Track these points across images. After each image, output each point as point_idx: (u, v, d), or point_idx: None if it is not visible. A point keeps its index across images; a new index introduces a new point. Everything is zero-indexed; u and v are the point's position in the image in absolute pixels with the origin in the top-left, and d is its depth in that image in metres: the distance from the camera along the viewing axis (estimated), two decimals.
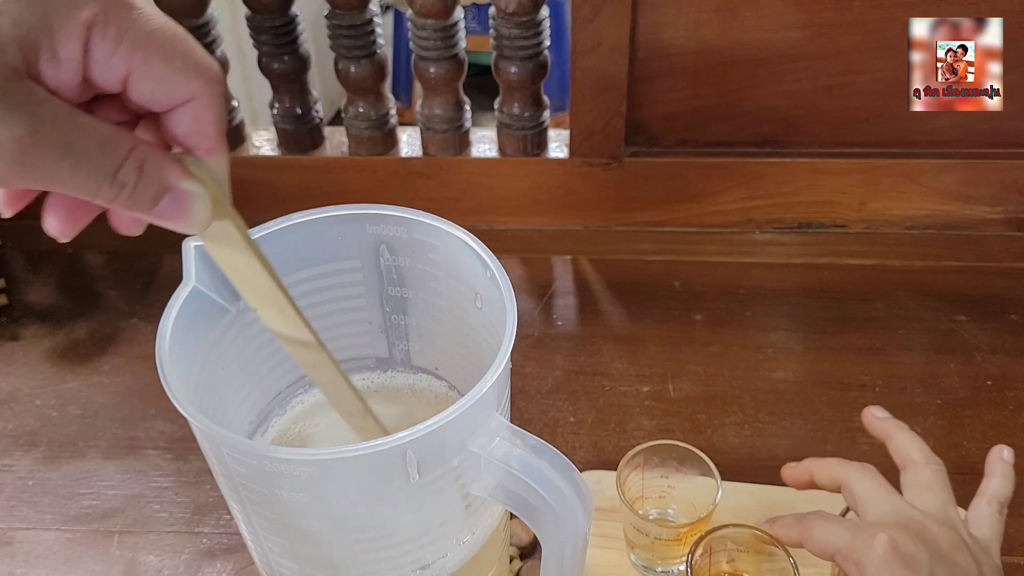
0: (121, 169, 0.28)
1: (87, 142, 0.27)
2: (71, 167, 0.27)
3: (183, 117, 0.30)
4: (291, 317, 0.36)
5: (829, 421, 0.67)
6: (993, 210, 0.83)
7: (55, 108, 0.27)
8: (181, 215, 0.30)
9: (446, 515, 0.38)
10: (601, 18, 0.73)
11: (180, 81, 0.29)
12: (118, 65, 0.28)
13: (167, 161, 0.30)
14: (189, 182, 0.30)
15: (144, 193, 0.29)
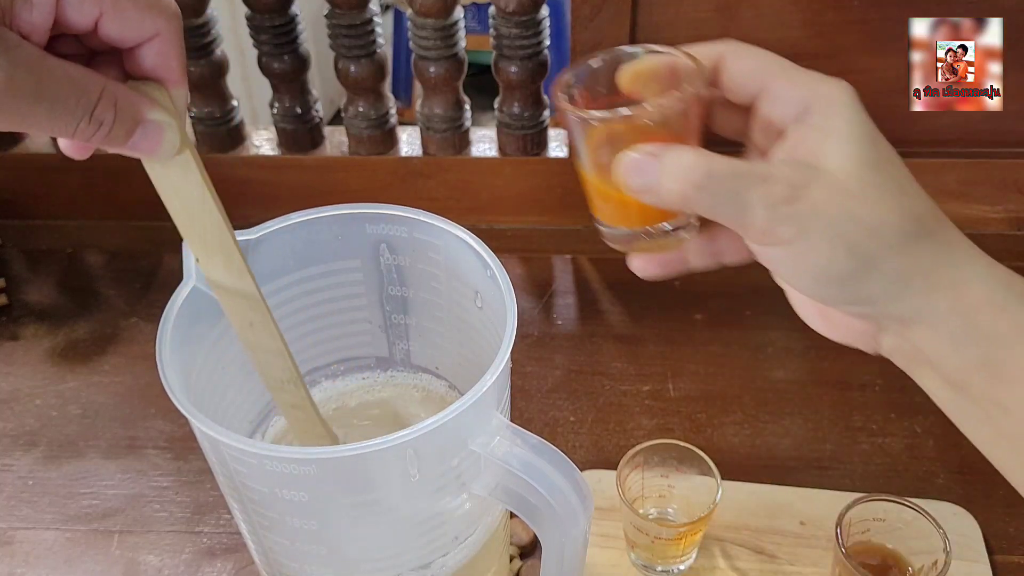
0: (97, 108, 0.30)
1: (60, 85, 0.29)
2: (48, 109, 0.28)
3: (149, 52, 0.32)
4: (236, 263, 0.36)
5: (829, 420, 0.67)
6: (993, 209, 0.83)
7: (27, 52, 0.28)
8: (153, 145, 0.32)
9: (446, 514, 0.38)
10: (601, 18, 0.73)
11: (146, 18, 0.31)
12: (90, 7, 0.29)
13: (136, 95, 0.31)
14: (159, 112, 0.32)
15: (120, 128, 0.31)
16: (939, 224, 0.34)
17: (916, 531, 0.52)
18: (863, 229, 0.32)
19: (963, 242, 0.34)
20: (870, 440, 0.66)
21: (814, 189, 0.32)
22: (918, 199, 0.34)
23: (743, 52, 0.36)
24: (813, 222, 0.32)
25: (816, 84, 0.34)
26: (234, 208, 0.35)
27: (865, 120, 0.34)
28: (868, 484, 0.62)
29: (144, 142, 0.32)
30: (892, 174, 0.33)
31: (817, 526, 0.59)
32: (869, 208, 0.32)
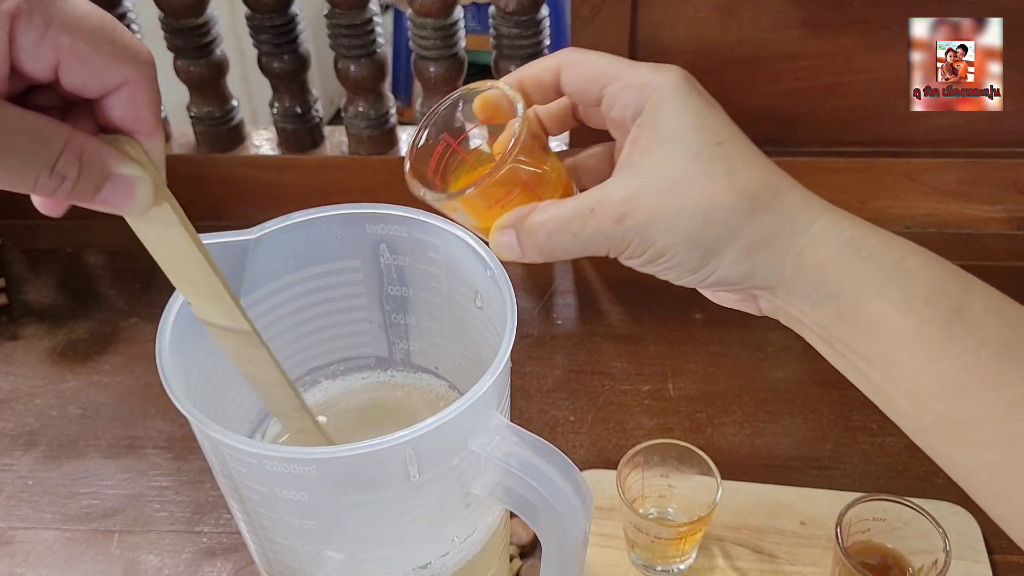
0: (59, 161, 0.28)
1: (18, 136, 0.27)
2: (4, 163, 0.27)
3: (117, 102, 0.30)
4: (228, 306, 0.35)
5: (829, 420, 0.67)
6: (993, 209, 0.83)
7: None
8: (124, 200, 0.31)
9: (446, 514, 0.38)
10: (601, 17, 0.73)
11: (110, 66, 0.29)
12: (46, 53, 0.28)
13: (105, 148, 0.30)
14: (130, 166, 0.30)
15: (86, 182, 0.29)
16: (775, 195, 0.33)
17: (916, 531, 0.52)
18: (696, 222, 0.33)
19: (804, 206, 0.33)
20: (870, 440, 0.66)
21: (642, 198, 0.33)
22: (750, 174, 0.33)
23: (578, 61, 0.36)
24: (651, 230, 0.33)
25: (645, 79, 0.35)
26: (234, 208, 0.35)
27: (691, 105, 0.34)
28: (868, 484, 0.62)
29: (114, 197, 0.30)
30: (719, 156, 0.33)
31: (817, 526, 0.59)
32: (696, 199, 0.33)
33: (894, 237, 0.33)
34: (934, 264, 0.32)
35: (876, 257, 0.32)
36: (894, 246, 0.33)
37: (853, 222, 0.33)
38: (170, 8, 0.76)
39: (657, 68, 0.35)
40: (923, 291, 0.32)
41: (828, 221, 0.33)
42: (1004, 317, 0.31)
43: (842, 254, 0.32)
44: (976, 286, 0.32)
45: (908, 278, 0.32)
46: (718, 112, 0.34)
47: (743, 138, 0.35)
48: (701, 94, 0.34)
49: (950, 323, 0.31)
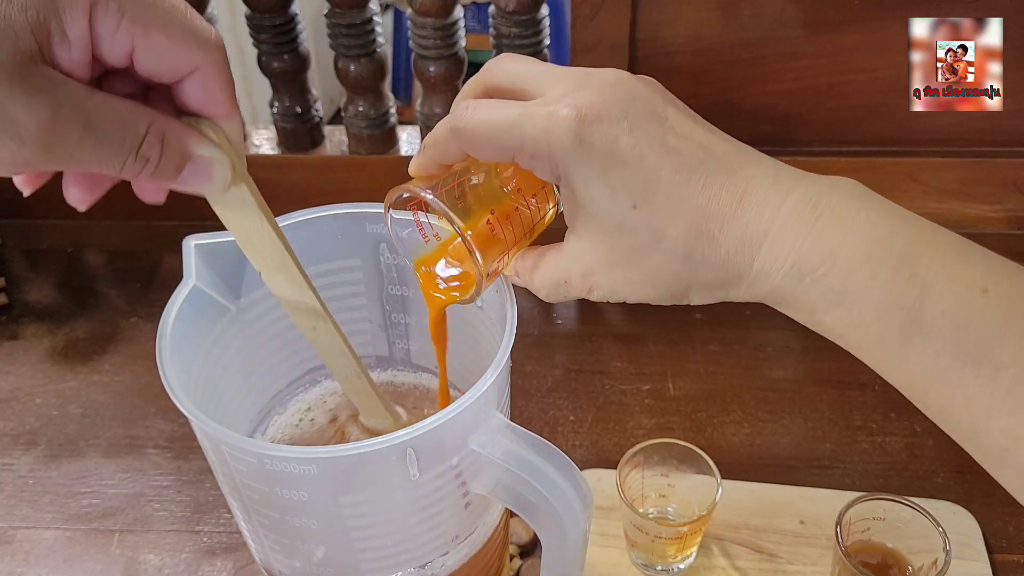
0: (143, 144, 0.29)
1: (107, 120, 0.28)
2: (94, 146, 0.28)
3: (192, 87, 0.31)
4: (298, 282, 0.36)
5: (828, 420, 0.67)
6: (993, 208, 0.83)
7: (72, 89, 0.27)
8: (203, 180, 0.32)
9: (446, 513, 0.38)
10: (601, 16, 0.73)
11: (181, 51, 0.30)
12: (122, 40, 0.29)
13: (185, 130, 0.31)
14: (208, 147, 0.31)
15: (168, 164, 0.30)
16: (709, 245, 0.32)
17: (916, 530, 0.52)
18: (648, 287, 0.34)
19: (739, 246, 0.32)
20: (870, 439, 0.66)
21: (597, 275, 0.34)
22: (677, 234, 0.32)
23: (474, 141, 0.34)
24: (617, 295, 0.35)
25: (543, 148, 0.32)
26: None
27: (592, 169, 0.32)
28: (868, 483, 0.62)
29: (193, 178, 0.31)
30: (641, 224, 0.32)
31: (817, 525, 0.59)
32: (640, 272, 0.33)
33: (840, 251, 0.31)
34: (884, 276, 0.30)
35: (819, 281, 0.31)
36: (838, 267, 0.31)
37: (797, 243, 0.31)
38: None
39: (550, 118, 0.31)
40: (873, 307, 0.31)
41: (768, 254, 0.32)
42: (961, 319, 0.30)
43: (786, 284, 0.32)
44: (933, 291, 0.30)
45: (856, 297, 0.31)
46: (622, 157, 0.31)
47: (655, 178, 0.32)
48: (598, 143, 0.31)
49: (905, 335, 0.31)
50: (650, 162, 0.31)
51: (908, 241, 0.31)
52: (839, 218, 0.31)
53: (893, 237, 0.31)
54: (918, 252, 0.31)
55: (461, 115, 0.33)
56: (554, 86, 0.33)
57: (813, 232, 0.31)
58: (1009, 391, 0.30)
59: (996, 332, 0.30)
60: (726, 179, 0.32)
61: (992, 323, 0.30)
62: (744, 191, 0.32)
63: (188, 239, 0.39)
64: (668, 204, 0.32)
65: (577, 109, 0.31)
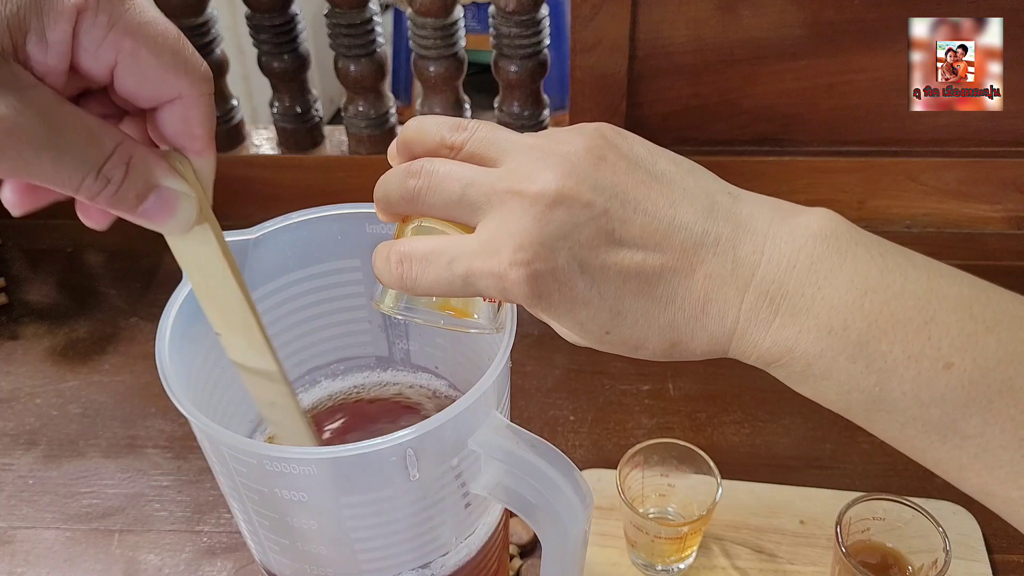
0: (107, 164, 0.27)
1: (72, 133, 0.26)
2: (53, 159, 0.26)
3: (171, 116, 0.30)
4: (258, 343, 0.34)
5: (829, 420, 0.67)
6: (993, 208, 0.83)
7: (41, 94, 0.26)
8: (165, 215, 0.30)
9: (446, 514, 0.38)
10: (601, 16, 0.73)
11: (167, 77, 0.28)
12: (106, 53, 0.27)
13: (153, 158, 0.29)
14: (176, 181, 0.29)
15: (129, 190, 0.28)
16: (690, 339, 0.33)
17: (916, 530, 0.52)
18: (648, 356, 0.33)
19: (719, 321, 0.32)
20: (870, 439, 0.65)
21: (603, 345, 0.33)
22: (657, 340, 0.33)
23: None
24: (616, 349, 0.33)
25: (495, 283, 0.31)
26: (234, 208, 0.35)
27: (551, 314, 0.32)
28: (868, 483, 0.62)
29: (156, 210, 0.29)
30: (617, 341, 0.32)
31: (817, 525, 0.59)
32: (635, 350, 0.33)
33: (796, 348, 0.31)
34: (840, 367, 0.31)
35: (783, 367, 0.32)
36: (797, 359, 0.31)
37: (757, 342, 0.32)
38: (170, 7, 0.76)
39: (502, 279, 0.30)
40: (835, 390, 0.32)
41: (737, 349, 0.33)
42: (924, 398, 0.30)
43: (757, 364, 0.33)
44: (892, 375, 0.30)
45: (817, 381, 0.32)
46: (583, 300, 0.31)
47: (620, 308, 0.31)
48: (556, 296, 0.31)
49: (869, 411, 0.32)
50: (610, 294, 0.31)
51: (867, 323, 0.30)
52: (795, 310, 0.31)
53: (851, 322, 0.30)
54: (876, 336, 0.30)
55: (407, 272, 0.31)
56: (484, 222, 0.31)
57: (771, 330, 0.31)
58: (975, 456, 0.30)
59: (960, 406, 0.30)
60: (686, 287, 0.32)
61: (956, 398, 0.30)
62: (704, 297, 0.32)
63: None
64: (636, 327, 0.32)
65: (526, 268, 0.30)
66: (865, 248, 0.32)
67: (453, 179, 0.31)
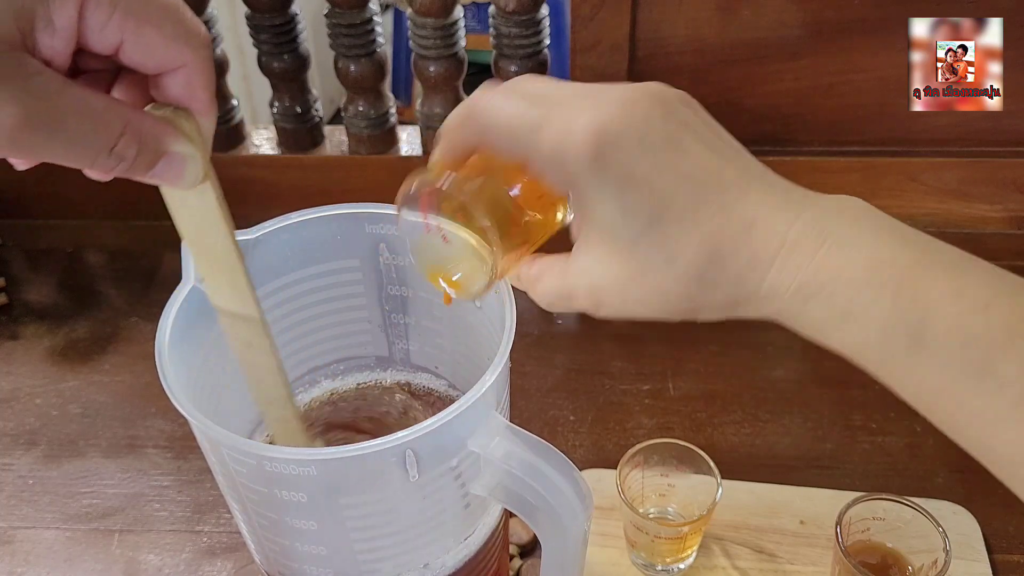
0: (119, 144, 0.28)
1: (80, 118, 0.27)
2: (65, 143, 0.27)
3: (175, 81, 0.31)
4: (241, 288, 0.35)
5: (829, 420, 0.67)
6: (993, 208, 0.83)
7: (48, 81, 0.26)
8: (175, 177, 0.31)
9: (446, 514, 0.38)
10: (601, 16, 0.73)
11: (171, 48, 0.29)
12: (111, 33, 0.28)
13: (161, 127, 0.30)
14: (183, 143, 0.31)
15: (142, 162, 0.30)
16: (720, 268, 0.32)
17: (916, 530, 0.52)
18: (658, 307, 0.33)
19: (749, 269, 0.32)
20: (870, 439, 0.66)
21: (604, 291, 0.34)
22: (690, 255, 0.32)
23: (488, 140, 0.34)
24: (625, 312, 0.34)
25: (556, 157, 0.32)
26: (234, 208, 0.34)
27: (609, 185, 0.31)
28: (868, 483, 0.62)
29: (166, 173, 0.31)
30: (655, 243, 0.32)
31: (817, 525, 0.59)
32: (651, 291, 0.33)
33: (843, 274, 0.31)
34: (887, 298, 0.31)
35: (824, 302, 0.32)
36: (841, 289, 0.31)
37: (803, 266, 0.31)
38: None
39: (568, 132, 0.31)
40: (878, 327, 0.31)
41: (776, 277, 0.32)
42: (964, 336, 0.30)
43: (793, 304, 0.32)
44: (935, 310, 0.30)
45: (860, 316, 0.31)
46: (637, 180, 0.31)
47: (670, 202, 0.32)
48: (615, 165, 0.31)
49: (910, 352, 0.31)
50: (665, 187, 0.31)
51: (910, 263, 0.31)
52: (843, 242, 0.31)
53: (895, 259, 0.31)
54: (920, 273, 0.31)
55: (479, 98, 0.33)
56: (572, 99, 0.32)
57: (818, 256, 0.31)
58: (1014, 405, 0.30)
59: (999, 348, 0.30)
60: (737, 204, 0.32)
61: (995, 339, 0.30)
62: (754, 216, 0.32)
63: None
64: (682, 227, 0.32)
65: (596, 127, 0.31)
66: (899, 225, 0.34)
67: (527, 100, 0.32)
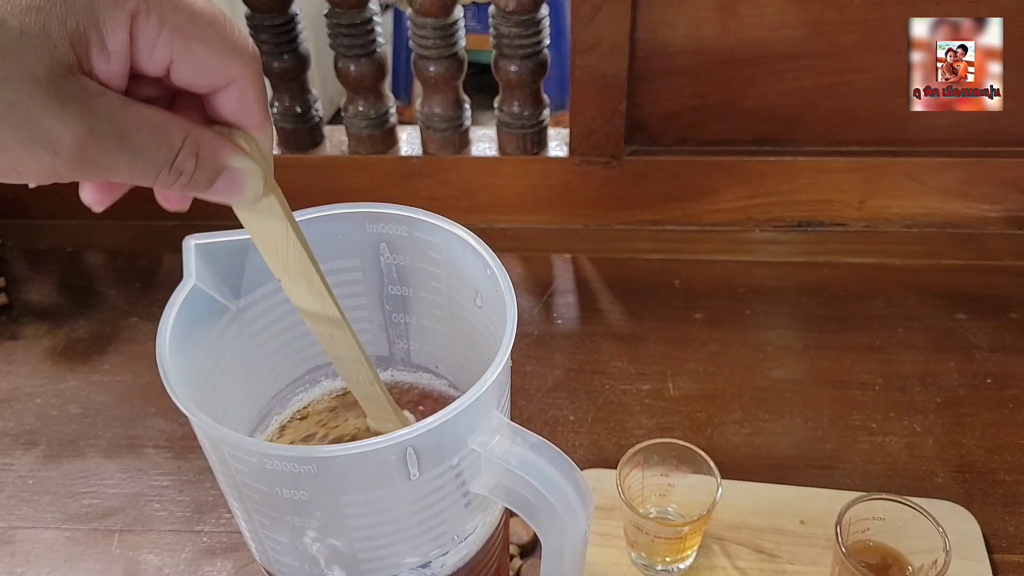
0: (178, 157, 0.29)
1: (142, 133, 0.28)
2: (129, 159, 0.27)
3: (227, 99, 0.31)
4: (319, 291, 0.36)
5: (829, 419, 0.67)
6: (993, 208, 0.83)
7: (109, 101, 0.27)
8: (235, 192, 0.32)
9: (446, 513, 0.38)
10: (601, 16, 0.73)
11: (220, 64, 0.30)
12: (162, 53, 0.28)
13: (219, 142, 0.31)
14: (241, 159, 0.31)
15: (201, 176, 0.30)
16: None
17: (916, 530, 0.52)
18: None
19: None
20: (870, 439, 0.66)
21: None
22: None
23: None
24: None
25: None
26: None
27: None
28: (868, 483, 0.62)
29: (226, 189, 0.31)
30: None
31: (817, 525, 0.59)
32: None
33: None
34: None
35: None
36: None
37: None
38: None
39: None
40: None
41: None
42: None
43: None
44: None
45: None
46: None
47: None
48: None
49: None
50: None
51: None
52: None
53: None
54: None
55: None
56: None
57: None
58: None
59: None
60: None
61: None
62: None
63: (188, 239, 0.39)
64: None
65: None
66: None
67: None
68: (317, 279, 0.36)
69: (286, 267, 0.36)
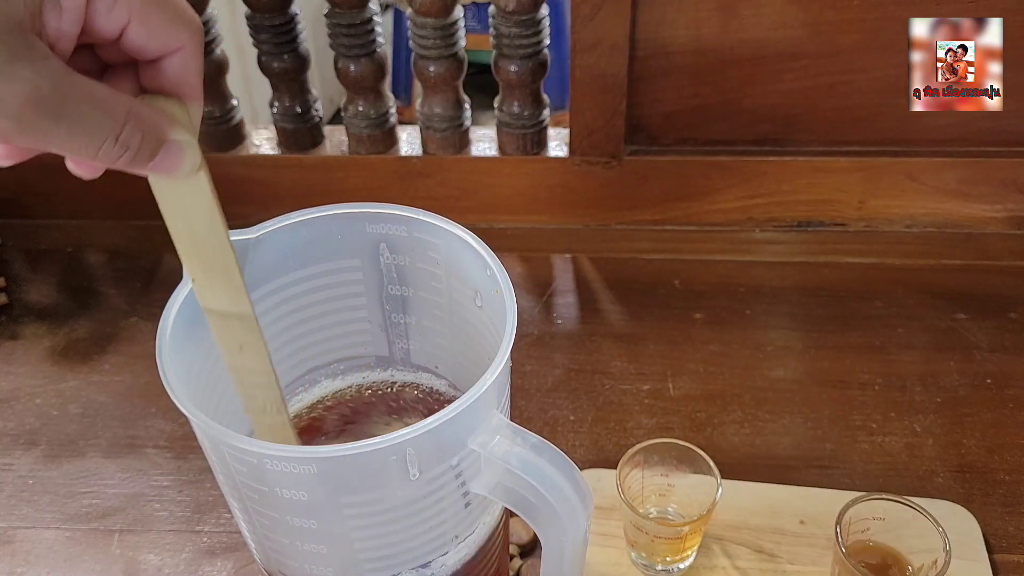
0: (123, 132, 0.28)
1: (85, 104, 0.27)
2: (69, 129, 0.27)
3: (170, 66, 0.31)
4: (236, 286, 0.35)
5: (829, 419, 0.67)
6: (993, 208, 0.83)
7: (54, 65, 0.26)
8: (174, 166, 0.31)
9: (446, 513, 0.38)
10: (601, 16, 0.73)
11: (171, 30, 0.30)
12: (119, 14, 0.28)
13: (159, 115, 0.30)
14: (180, 132, 0.31)
15: (145, 151, 0.30)
16: None
17: (916, 530, 0.52)
18: None
19: None
20: (870, 439, 0.66)
21: None
22: None
23: None
24: None
25: None
26: (234, 207, 0.34)
27: None
28: (868, 483, 0.62)
29: (165, 162, 0.31)
30: None
31: (817, 525, 0.59)
32: None
33: None
34: None
35: None
36: None
37: None
38: None
39: None
40: None
41: None
42: None
43: None
44: None
45: None
46: None
47: None
48: None
49: None
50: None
51: None
52: None
53: None
54: None
55: None
56: None
57: None
58: None
59: None
60: None
61: None
62: None
63: None
64: None
65: None
66: None
67: None
68: (236, 271, 0.34)
69: (205, 256, 0.34)
